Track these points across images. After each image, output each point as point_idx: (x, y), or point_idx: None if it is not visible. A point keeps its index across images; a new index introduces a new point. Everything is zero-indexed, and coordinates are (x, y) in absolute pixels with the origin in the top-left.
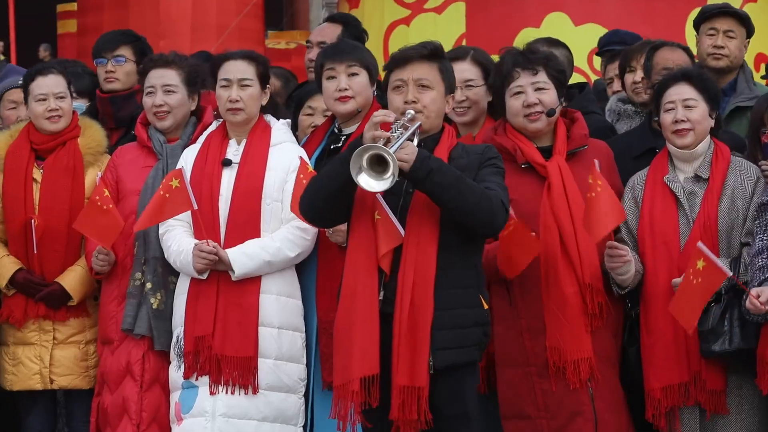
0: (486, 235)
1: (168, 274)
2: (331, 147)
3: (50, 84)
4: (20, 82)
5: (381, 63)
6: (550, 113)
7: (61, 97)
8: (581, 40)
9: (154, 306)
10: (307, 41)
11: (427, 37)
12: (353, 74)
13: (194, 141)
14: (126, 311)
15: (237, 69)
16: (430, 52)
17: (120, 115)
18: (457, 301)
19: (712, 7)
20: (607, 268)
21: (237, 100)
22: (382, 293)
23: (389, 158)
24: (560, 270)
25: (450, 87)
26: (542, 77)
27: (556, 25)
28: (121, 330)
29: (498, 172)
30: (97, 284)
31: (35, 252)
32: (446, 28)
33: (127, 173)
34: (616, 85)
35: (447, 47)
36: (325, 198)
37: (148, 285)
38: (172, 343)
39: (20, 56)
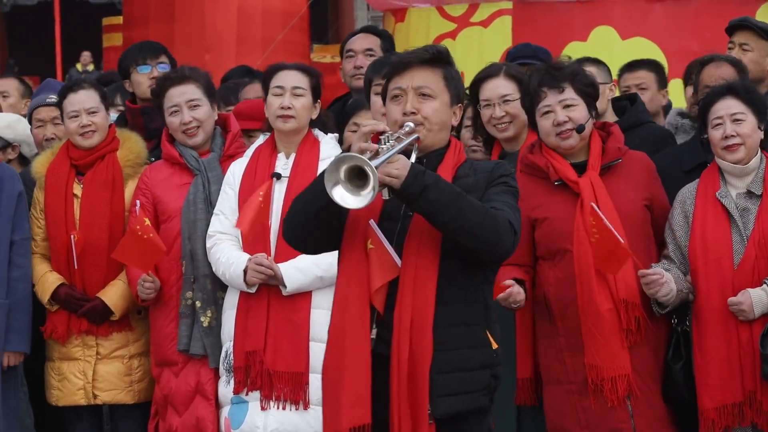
0: (492, 261)
1: (218, 289)
2: None
3: (82, 100)
4: (48, 100)
5: None
6: (579, 129)
7: (93, 112)
8: (628, 54)
9: (205, 324)
10: (349, 51)
11: (473, 51)
12: None
13: (228, 151)
14: (180, 332)
15: (291, 78)
16: (432, 57)
17: (152, 126)
18: (461, 341)
19: (733, 20)
20: (648, 294)
21: (289, 107)
22: (374, 331)
23: (369, 170)
24: (594, 287)
25: (456, 96)
26: (569, 94)
27: (603, 39)
28: (178, 350)
29: (509, 191)
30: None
31: (76, 267)
32: (492, 42)
33: (165, 193)
34: None
35: (493, 61)
36: (307, 220)
37: (198, 303)
38: (221, 358)
39: (66, 70)
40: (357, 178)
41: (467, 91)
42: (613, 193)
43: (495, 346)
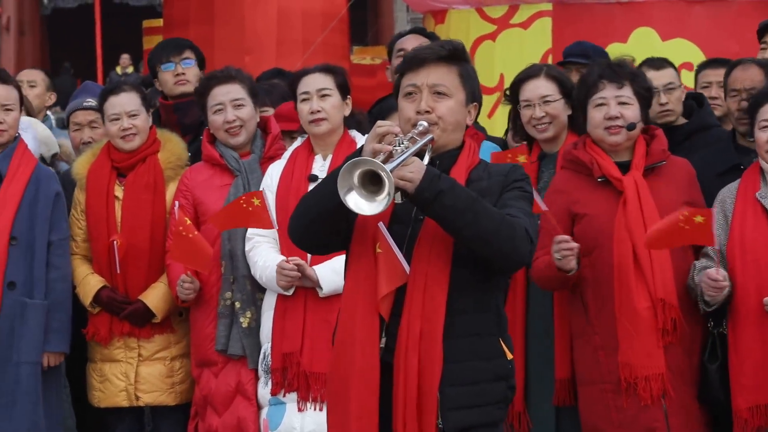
0: (507, 270)
1: (257, 291)
2: None
3: (123, 102)
4: (85, 104)
5: None
6: (630, 127)
7: (134, 115)
8: (669, 55)
9: (244, 324)
10: (400, 50)
11: (513, 53)
12: None
13: (268, 153)
14: (218, 332)
15: (315, 81)
16: (448, 53)
17: (186, 122)
18: (473, 352)
19: (763, 22)
20: (707, 297)
21: (318, 111)
22: (384, 340)
23: (384, 175)
24: (632, 285)
25: (473, 95)
26: (627, 92)
27: (643, 41)
28: (215, 350)
29: (524, 197)
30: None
31: (118, 272)
32: (532, 44)
33: (205, 195)
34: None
35: (533, 62)
36: (313, 221)
37: (237, 304)
38: (260, 359)
39: (106, 73)
40: (371, 183)
41: (507, 92)
42: (655, 195)
43: (510, 356)
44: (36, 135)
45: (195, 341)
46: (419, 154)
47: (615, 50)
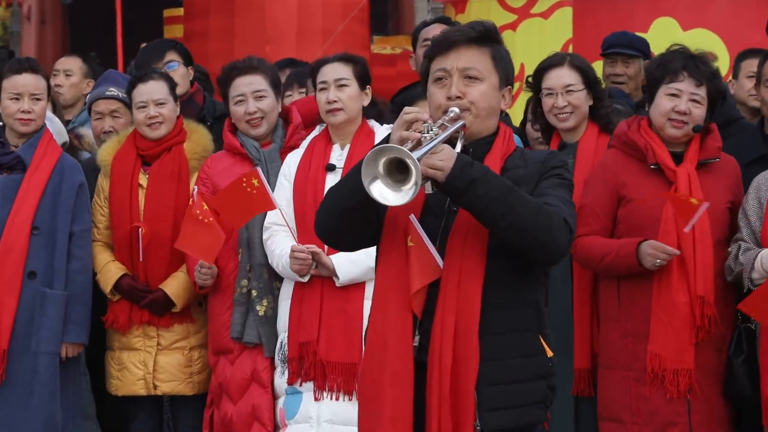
0: (545, 262)
1: (274, 279)
2: None
3: (150, 90)
4: (107, 93)
5: None
6: (696, 129)
7: (162, 103)
8: (689, 45)
9: (261, 313)
10: (425, 40)
11: (533, 43)
12: None
13: (288, 143)
14: (234, 319)
15: (333, 71)
16: (479, 35)
17: None
18: (511, 349)
19: None
20: (755, 275)
21: (335, 101)
22: (417, 338)
23: (410, 163)
24: (673, 278)
25: (506, 78)
26: (702, 92)
27: (664, 30)
28: (230, 338)
29: (563, 184)
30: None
31: (141, 260)
32: (553, 34)
33: (225, 183)
34: None
35: (554, 52)
36: (341, 215)
37: (254, 292)
38: (276, 348)
39: (127, 62)
40: (397, 171)
41: (529, 79)
42: (704, 190)
43: (550, 353)
44: (60, 128)
45: (212, 329)
46: (451, 141)
47: None
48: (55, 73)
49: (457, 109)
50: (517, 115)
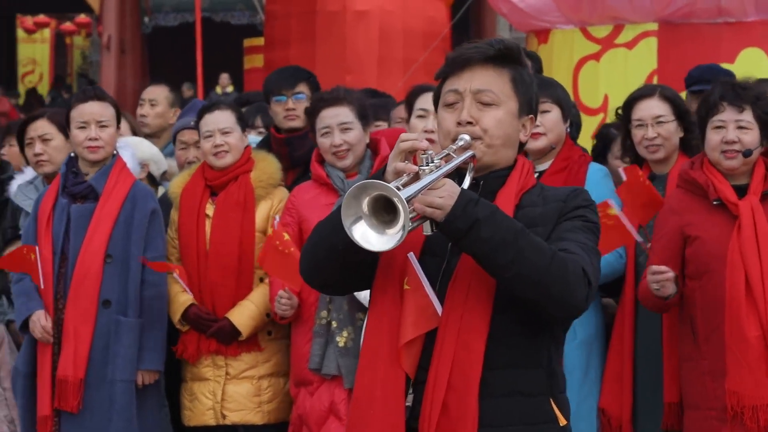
0: (559, 317)
1: (356, 310)
2: None
3: (216, 120)
4: (192, 123)
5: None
6: (746, 154)
7: (227, 132)
8: None
9: (341, 344)
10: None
11: (617, 73)
12: (545, 111)
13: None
14: (312, 350)
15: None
16: (498, 53)
17: (296, 155)
18: (515, 415)
19: None
20: None
21: (433, 131)
22: (410, 397)
23: (397, 203)
24: (743, 313)
25: (527, 105)
26: (747, 116)
27: (751, 61)
28: (308, 369)
29: (587, 227)
30: (268, 318)
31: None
32: (637, 64)
33: (310, 213)
34: None
35: (638, 84)
36: (329, 254)
37: (334, 323)
38: None
39: (206, 92)
40: (385, 211)
41: (619, 111)
42: None
43: (563, 421)
44: (134, 154)
45: (293, 360)
46: (460, 174)
47: None
48: (141, 102)
49: (467, 137)
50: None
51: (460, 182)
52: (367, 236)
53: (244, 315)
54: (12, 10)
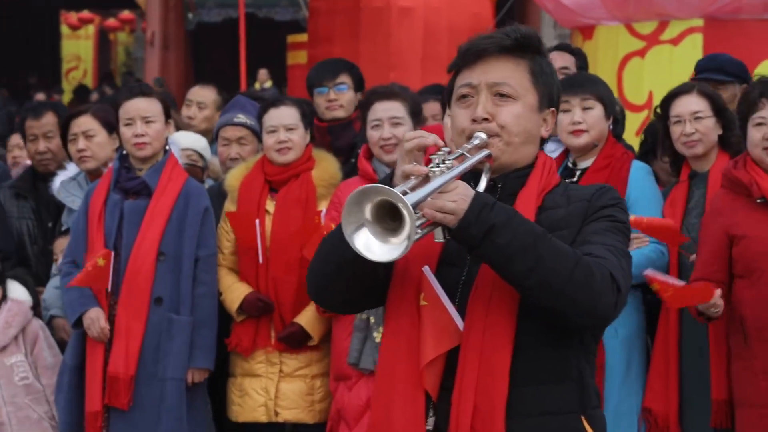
0: (586, 327)
1: None
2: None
3: (281, 115)
4: (235, 120)
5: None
6: None
7: (291, 129)
8: None
9: (378, 339)
10: None
11: (663, 70)
12: (588, 108)
13: None
14: (352, 345)
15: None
16: (515, 43)
17: (337, 145)
18: None
19: None
20: None
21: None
22: (431, 420)
23: (402, 209)
24: None
25: (549, 98)
26: None
27: None
28: (347, 364)
29: (615, 228)
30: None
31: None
32: (682, 61)
33: None
34: None
35: (683, 80)
36: (335, 270)
37: (372, 319)
38: None
39: (249, 87)
40: (390, 217)
41: (657, 109)
42: None
43: None
44: (179, 149)
45: (333, 355)
46: (476, 174)
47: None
48: (187, 103)
49: (483, 135)
50: None
51: (475, 184)
52: (370, 245)
53: (313, 318)
54: (56, 7)
